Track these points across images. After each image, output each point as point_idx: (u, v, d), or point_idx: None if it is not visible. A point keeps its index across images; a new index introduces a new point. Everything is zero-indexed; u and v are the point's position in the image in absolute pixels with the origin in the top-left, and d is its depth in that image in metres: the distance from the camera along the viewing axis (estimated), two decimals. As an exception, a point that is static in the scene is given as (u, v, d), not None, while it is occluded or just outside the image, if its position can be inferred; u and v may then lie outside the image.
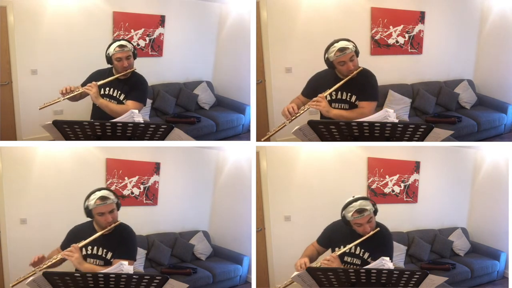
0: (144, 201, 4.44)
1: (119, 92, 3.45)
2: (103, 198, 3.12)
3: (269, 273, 4.14)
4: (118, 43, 3.45)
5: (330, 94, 3.23)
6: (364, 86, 3.23)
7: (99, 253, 3.15)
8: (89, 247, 3.14)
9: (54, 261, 3.04)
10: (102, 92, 3.44)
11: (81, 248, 3.10)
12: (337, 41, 3.22)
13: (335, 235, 3.24)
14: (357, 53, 3.24)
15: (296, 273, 3.00)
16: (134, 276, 2.92)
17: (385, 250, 3.13)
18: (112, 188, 4.32)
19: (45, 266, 3.02)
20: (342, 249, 3.11)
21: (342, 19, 4.41)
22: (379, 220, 4.32)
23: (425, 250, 4.47)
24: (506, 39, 4.52)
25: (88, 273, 2.95)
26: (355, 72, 3.21)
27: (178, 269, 4.29)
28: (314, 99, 3.17)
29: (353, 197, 3.14)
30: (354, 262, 3.13)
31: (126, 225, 3.27)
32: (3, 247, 3.95)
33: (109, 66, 3.55)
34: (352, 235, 3.13)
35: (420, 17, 4.52)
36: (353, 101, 3.25)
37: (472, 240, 4.67)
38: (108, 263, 3.13)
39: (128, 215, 4.35)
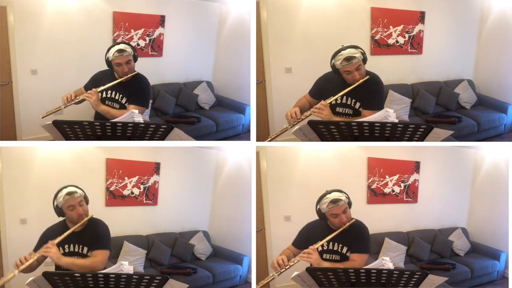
0: (144, 201, 4.44)
1: (121, 95, 3.41)
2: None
3: (269, 273, 4.14)
4: (117, 47, 3.37)
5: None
6: (369, 94, 3.16)
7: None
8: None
9: (31, 261, 2.95)
10: (104, 95, 3.41)
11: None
12: (344, 48, 3.13)
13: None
14: (364, 60, 3.14)
15: (296, 273, 2.99)
16: (134, 276, 2.92)
17: (364, 243, 3.13)
18: (112, 188, 4.32)
19: (22, 267, 2.92)
20: (320, 242, 3.08)
21: (342, 19, 4.41)
22: (379, 219, 4.32)
23: (425, 250, 4.47)
24: (506, 39, 4.52)
25: (88, 273, 2.95)
26: (361, 81, 3.12)
27: (178, 269, 4.29)
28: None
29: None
30: (333, 258, 3.13)
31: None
32: (3, 247, 3.95)
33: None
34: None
35: (420, 17, 4.52)
36: (357, 108, 3.18)
37: (472, 240, 4.67)
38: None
39: (128, 215, 4.39)
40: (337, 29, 4.38)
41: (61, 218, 3.17)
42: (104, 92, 3.41)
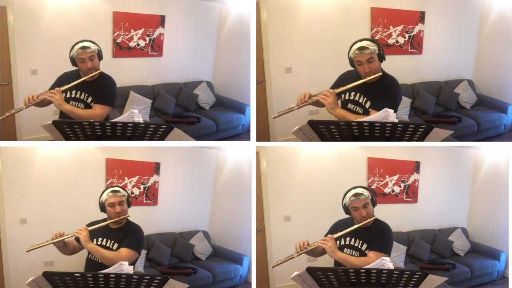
0: (144, 201, 4.44)
1: (86, 94, 3.32)
2: (114, 191, 3.30)
3: (269, 273, 4.14)
4: (80, 44, 3.32)
5: (349, 94, 3.17)
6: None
7: (107, 244, 3.22)
8: (99, 238, 3.23)
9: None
10: (68, 95, 3.31)
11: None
12: (360, 40, 3.12)
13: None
14: (380, 56, 3.09)
15: (296, 273, 3.00)
16: (134, 276, 2.92)
17: (383, 242, 3.14)
18: (112, 188, 4.33)
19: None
20: (340, 233, 3.13)
21: (342, 19, 4.41)
22: (379, 218, 4.32)
23: (425, 250, 4.47)
24: (506, 39, 4.52)
25: (88, 273, 2.95)
26: (372, 77, 3.08)
27: (178, 269, 4.29)
28: (324, 92, 3.11)
29: (353, 186, 3.21)
30: (353, 254, 3.14)
31: (134, 222, 3.37)
32: (3, 247, 3.95)
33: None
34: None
35: (420, 17, 4.53)
36: (367, 107, 3.15)
37: (472, 240, 4.67)
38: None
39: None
40: (337, 29, 4.37)
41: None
42: (69, 92, 3.32)
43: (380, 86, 3.14)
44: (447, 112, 4.55)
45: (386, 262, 2.98)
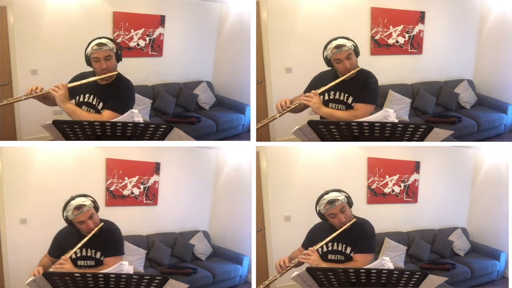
0: (144, 201, 4.44)
1: (98, 100, 3.10)
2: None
3: (269, 273, 4.14)
4: (97, 41, 3.07)
5: (328, 94, 3.20)
6: (362, 88, 3.16)
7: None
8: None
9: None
10: (81, 99, 3.13)
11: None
12: (335, 38, 3.17)
13: (316, 236, 3.19)
14: (356, 52, 3.17)
15: (296, 273, 3.00)
16: (134, 276, 2.92)
17: (367, 243, 3.12)
18: (112, 188, 4.32)
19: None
20: (320, 243, 3.09)
21: (342, 19, 4.41)
22: (379, 219, 4.31)
23: (425, 250, 4.47)
24: (506, 39, 4.52)
25: (88, 273, 2.95)
26: (352, 72, 3.13)
27: (178, 269, 4.29)
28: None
29: (325, 191, 3.15)
30: (338, 259, 3.13)
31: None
32: (3, 247, 3.95)
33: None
34: (332, 233, 3.12)
35: (420, 17, 4.53)
36: (350, 103, 3.18)
37: (472, 240, 4.67)
38: (99, 262, 3.13)
39: (128, 215, 4.39)
40: (337, 29, 4.35)
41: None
42: (82, 96, 3.11)
43: (358, 80, 3.17)
44: (447, 112, 4.55)
45: (386, 262, 2.98)
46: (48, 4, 4.16)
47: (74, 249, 3.03)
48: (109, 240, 3.13)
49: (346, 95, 3.16)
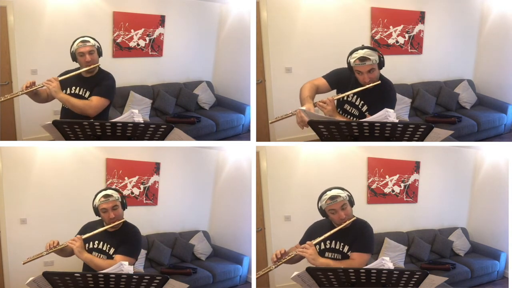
0: (144, 201, 4.44)
1: (85, 90, 3.36)
2: (106, 196, 3.18)
3: (269, 273, 4.14)
4: (81, 38, 3.38)
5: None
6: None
7: (103, 248, 3.19)
8: (96, 241, 3.19)
9: (59, 247, 3.09)
10: (68, 91, 3.35)
11: (85, 241, 3.15)
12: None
13: (315, 233, 3.14)
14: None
15: (296, 273, 2.99)
16: (134, 276, 2.92)
17: (365, 242, 3.11)
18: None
19: (51, 250, 3.09)
20: (318, 239, 3.07)
21: (342, 19, 4.41)
22: (379, 219, 4.32)
23: (425, 250, 4.47)
24: (506, 39, 4.53)
25: (88, 273, 2.95)
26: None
27: (178, 269, 4.29)
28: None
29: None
30: (335, 257, 3.12)
31: (131, 224, 3.30)
32: (3, 247, 3.95)
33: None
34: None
35: (420, 17, 4.53)
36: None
37: (472, 240, 4.67)
38: (110, 258, 3.17)
39: (128, 215, 4.38)
40: (337, 29, 4.38)
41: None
42: (68, 89, 3.34)
43: (377, 91, 3.14)
44: (447, 112, 4.55)
45: (386, 262, 2.98)
46: (48, 4, 4.16)
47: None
48: (124, 239, 3.21)
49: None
